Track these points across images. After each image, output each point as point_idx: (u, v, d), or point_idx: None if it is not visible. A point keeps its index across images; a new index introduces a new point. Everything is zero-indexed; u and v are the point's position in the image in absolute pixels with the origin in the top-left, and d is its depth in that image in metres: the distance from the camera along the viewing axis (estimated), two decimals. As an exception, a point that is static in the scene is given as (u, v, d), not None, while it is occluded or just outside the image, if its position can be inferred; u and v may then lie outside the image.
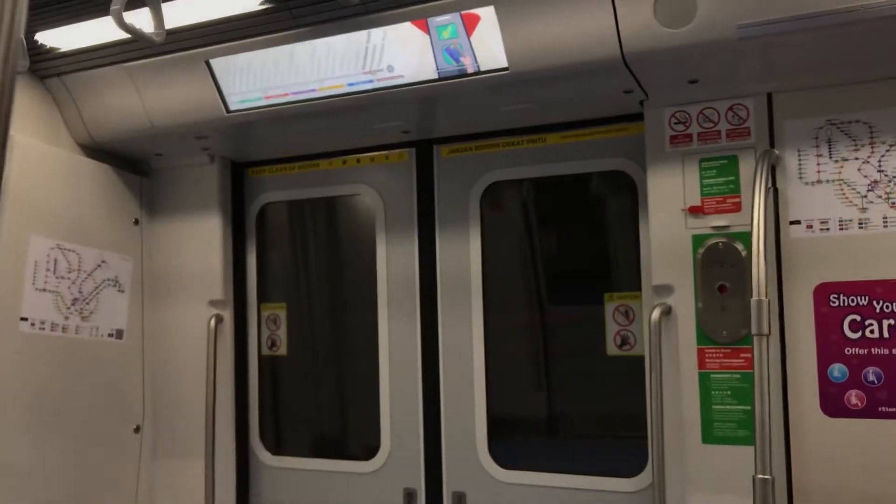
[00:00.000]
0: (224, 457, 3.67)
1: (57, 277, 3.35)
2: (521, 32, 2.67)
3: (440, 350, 3.45)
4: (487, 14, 2.67)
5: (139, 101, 3.30)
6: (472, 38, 2.74)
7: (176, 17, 2.84)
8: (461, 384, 3.39)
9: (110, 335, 3.60)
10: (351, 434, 3.82)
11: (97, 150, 3.62)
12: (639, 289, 3.08)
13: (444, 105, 3.13)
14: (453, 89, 2.89)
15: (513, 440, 3.40)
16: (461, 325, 3.40)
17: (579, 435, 3.37)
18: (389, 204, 3.60)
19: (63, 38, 3.16)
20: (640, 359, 3.05)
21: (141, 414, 3.74)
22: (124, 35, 2.62)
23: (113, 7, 2.41)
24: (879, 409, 2.51)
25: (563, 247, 3.45)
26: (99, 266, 3.54)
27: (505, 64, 2.74)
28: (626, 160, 3.14)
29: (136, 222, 3.76)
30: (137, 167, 3.84)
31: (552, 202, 3.44)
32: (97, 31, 3.06)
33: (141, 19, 2.61)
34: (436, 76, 2.87)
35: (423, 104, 3.12)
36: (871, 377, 2.52)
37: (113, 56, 3.21)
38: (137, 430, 3.71)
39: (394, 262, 3.56)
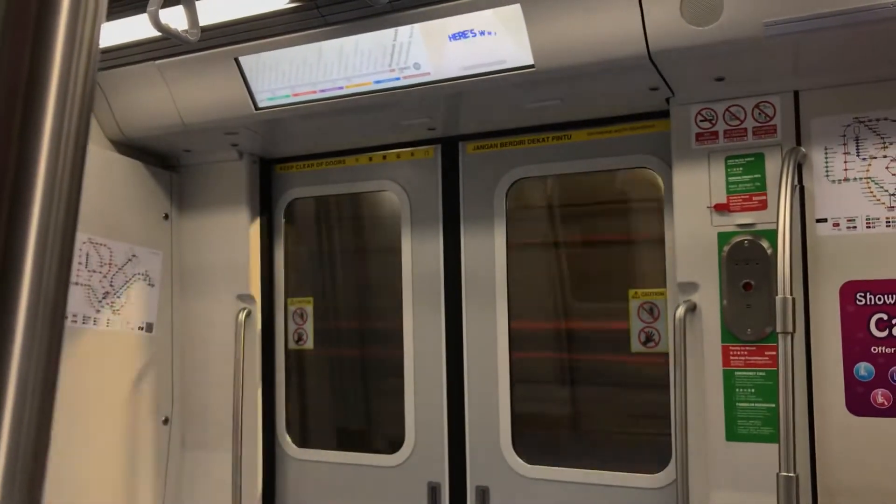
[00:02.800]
0: (251, 449, 3.72)
1: (88, 271, 3.42)
2: (548, 30, 2.68)
3: (464, 345, 3.47)
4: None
5: (170, 98, 3.35)
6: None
7: (206, 15, 2.89)
8: (485, 379, 3.41)
9: (140, 328, 3.66)
10: (375, 428, 3.86)
11: (128, 146, 3.68)
12: (664, 286, 3.09)
13: (469, 102, 3.14)
14: (479, 87, 2.90)
15: (537, 435, 3.42)
16: (486, 320, 3.42)
17: (603, 431, 3.38)
18: (415, 200, 3.62)
19: (101, 35, 3.20)
20: (665, 356, 3.06)
21: (170, 406, 3.80)
22: (156, 33, 2.66)
23: (149, 8, 2.46)
24: (906, 408, 2.51)
25: (588, 243, 3.46)
26: (129, 260, 3.61)
27: (531, 61, 2.76)
28: (651, 157, 3.14)
29: (166, 217, 3.82)
30: (167, 163, 3.90)
31: (577, 199, 3.45)
32: (129, 29, 3.11)
33: (174, 18, 2.66)
34: (462, 73, 2.89)
35: (448, 101, 3.14)
36: (898, 376, 2.52)
37: (144, 53, 3.26)
38: (166, 421, 3.77)
39: (419, 257, 3.59)
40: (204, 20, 2.85)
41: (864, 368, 2.56)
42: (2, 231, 0.43)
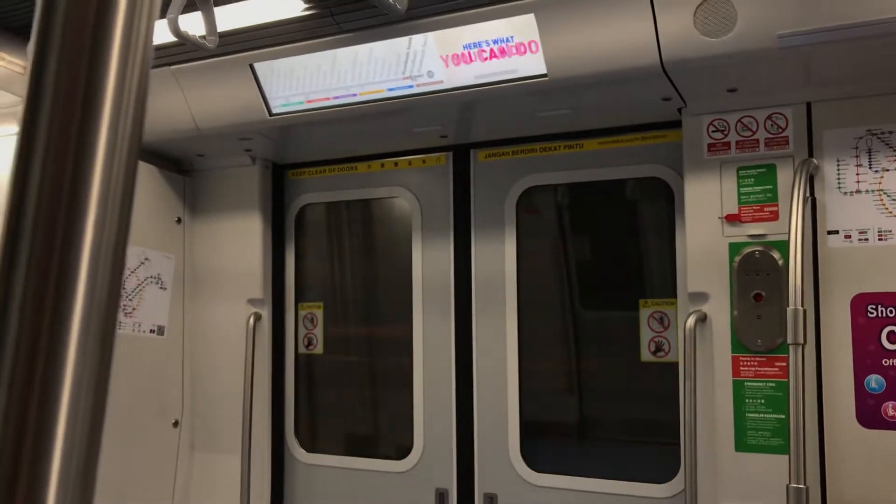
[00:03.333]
0: (260, 453, 3.73)
1: (102, 274, 3.43)
2: (561, 40, 2.69)
3: (474, 352, 3.47)
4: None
5: (184, 103, 3.38)
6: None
7: (222, 21, 2.91)
8: (494, 387, 3.42)
9: (152, 331, 3.68)
10: (384, 433, 3.86)
11: (142, 151, 3.68)
12: (674, 295, 3.09)
13: (481, 110, 3.16)
14: (491, 95, 2.92)
15: (545, 443, 3.42)
16: (495, 327, 3.43)
17: (612, 440, 3.38)
18: (426, 207, 3.64)
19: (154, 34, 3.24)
20: (674, 365, 3.06)
21: (180, 409, 3.82)
22: (171, 38, 2.69)
23: (169, 15, 2.48)
24: (917, 421, 2.50)
25: (599, 252, 3.47)
26: (142, 263, 3.63)
27: (544, 70, 2.77)
28: (663, 167, 3.15)
29: (179, 221, 3.85)
30: (181, 167, 3.93)
31: (588, 208, 3.46)
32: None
33: (192, 24, 2.68)
34: (474, 82, 2.90)
35: (461, 109, 3.15)
36: (909, 389, 2.51)
37: (160, 58, 3.28)
38: (176, 424, 3.79)
39: (429, 264, 3.60)
40: (219, 27, 2.87)
41: (874, 381, 2.55)
42: (58, 242, 0.44)
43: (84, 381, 0.44)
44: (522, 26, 2.71)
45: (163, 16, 2.48)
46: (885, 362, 2.54)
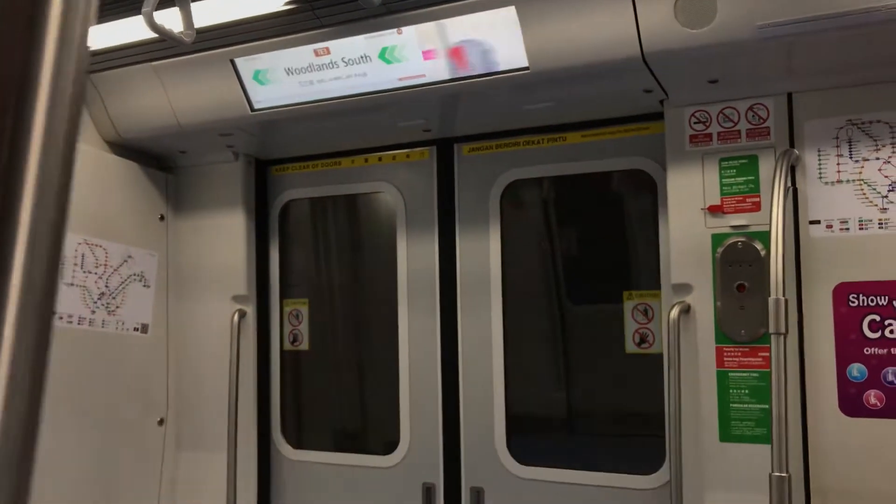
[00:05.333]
0: (246, 450, 3.72)
1: (84, 272, 3.42)
2: (542, 32, 2.69)
3: (459, 346, 3.48)
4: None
5: (166, 100, 3.36)
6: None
7: (202, 16, 2.89)
8: (480, 380, 3.42)
9: (136, 329, 3.66)
10: (370, 429, 3.86)
11: (124, 148, 3.68)
12: (658, 287, 3.09)
13: (465, 104, 3.15)
14: (474, 89, 2.91)
15: (531, 436, 3.43)
16: (480, 321, 3.43)
17: (598, 432, 3.39)
18: (410, 201, 3.63)
19: (91, 36, 3.21)
20: (659, 357, 3.07)
21: (165, 407, 3.80)
22: (152, 34, 2.67)
23: (144, 9, 2.46)
24: (898, 409, 2.52)
25: (583, 245, 3.48)
26: (125, 261, 3.61)
27: (526, 63, 2.77)
28: (645, 159, 3.15)
29: (162, 218, 3.82)
30: (163, 164, 3.90)
31: (572, 200, 3.46)
32: (125, 30, 3.11)
33: (170, 19, 2.66)
34: (457, 75, 2.89)
35: (444, 103, 3.15)
36: (891, 377, 2.53)
37: (140, 55, 3.26)
38: (161, 422, 3.77)
39: (414, 259, 3.60)
40: (199, 22, 2.86)
41: (856, 369, 2.57)
42: None
43: (20, 371, 0.43)
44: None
45: (139, 10, 2.46)
46: (867, 351, 2.55)
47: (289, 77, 3.12)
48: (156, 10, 2.50)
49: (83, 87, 0.48)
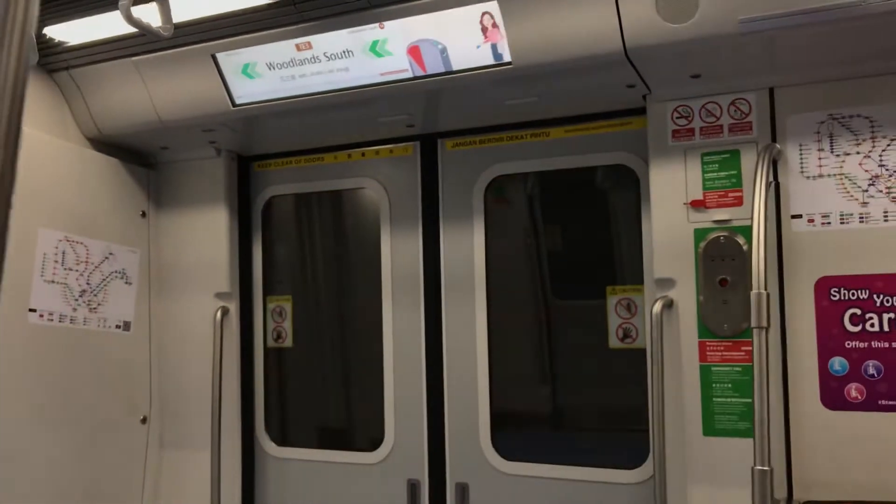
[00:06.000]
0: (230, 448, 3.70)
1: (65, 269, 3.39)
2: (525, 27, 2.69)
3: (444, 342, 3.47)
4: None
5: (147, 95, 3.33)
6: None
7: (182, 11, 2.87)
8: (464, 376, 3.42)
9: (118, 327, 3.64)
10: (355, 425, 3.85)
11: (105, 144, 3.65)
12: (641, 282, 3.10)
13: (448, 99, 3.14)
14: (457, 84, 2.90)
15: (516, 432, 3.43)
16: (465, 317, 3.43)
17: (582, 427, 3.39)
18: (394, 197, 3.62)
19: (71, 31, 3.19)
20: (642, 352, 3.07)
21: (148, 405, 3.77)
22: (132, 29, 2.64)
23: (121, 2, 2.43)
24: (879, 402, 2.53)
25: (566, 240, 3.47)
26: (106, 258, 3.58)
27: (508, 59, 2.76)
28: (628, 154, 3.16)
29: (144, 215, 3.80)
30: (144, 160, 3.87)
31: (555, 196, 3.46)
32: (105, 25, 3.09)
33: (149, 13, 2.64)
34: (440, 70, 2.88)
35: (427, 98, 3.14)
36: (872, 370, 2.54)
37: (121, 50, 3.23)
38: (144, 420, 3.75)
39: (398, 254, 3.59)
40: (180, 17, 2.83)
41: (838, 363, 2.58)
42: None
43: None
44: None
45: (116, 4, 2.44)
46: (848, 344, 2.57)
47: (270, 72, 3.11)
48: (134, 4, 2.47)
49: (25, 78, 0.47)
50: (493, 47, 2.77)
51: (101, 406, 3.53)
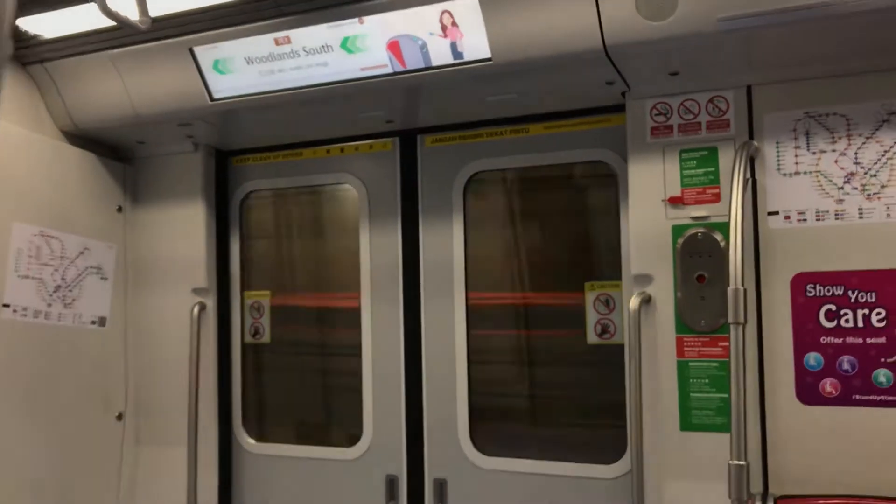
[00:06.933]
0: (207, 444, 3.68)
1: (39, 264, 3.35)
2: (505, 24, 2.69)
3: (422, 338, 3.47)
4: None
5: (123, 89, 3.30)
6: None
7: (160, 4, 2.84)
8: (443, 372, 3.42)
9: (93, 322, 3.60)
10: (333, 421, 3.84)
11: (80, 138, 3.61)
12: (619, 278, 3.12)
13: (427, 95, 3.14)
14: (437, 79, 2.90)
15: (494, 427, 3.43)
16: (443, 313, 3.43)
17: (559, 422, 3.40)
18: (373, 193, 3.61)
19: (46, 24, 3.15)
20: (620, 347, 3.09)
21: (123, 401, 3.74)
22: (108, 22, 2.61)
23: (98, -6, 2.41)
24: (853, 396, 2.56)
25: (545, 236, 3.48)
26: (82, 253, 3.54)
27: (488, 55, 2.76)
28: (607, 151, 3.17)
29: (120, 210, 3.76)
30: (121, 154, 3.83)
31: (534, 192, 3.47)
32: (81, 18, 3.05)
33: (126, 6, 2.61)
34: (420, 66, 2.88)
35: (406, 94, 3.13)
36: (846, 366, 2.57)
37: (97, 43, 3.19)
38: (120, 417, 3.72)
39: (377, 250, 3.58)
40: (158, 10, 2.81)
41: (813, 358, 2.61)
42: None
43: None
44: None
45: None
46: (823, 340, 2.60)
47: (249, 66, 3.09)
48: (111, -4, 2.45)
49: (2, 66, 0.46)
50: (453, 45, 2.77)
51: (77, 403, 3.50)
